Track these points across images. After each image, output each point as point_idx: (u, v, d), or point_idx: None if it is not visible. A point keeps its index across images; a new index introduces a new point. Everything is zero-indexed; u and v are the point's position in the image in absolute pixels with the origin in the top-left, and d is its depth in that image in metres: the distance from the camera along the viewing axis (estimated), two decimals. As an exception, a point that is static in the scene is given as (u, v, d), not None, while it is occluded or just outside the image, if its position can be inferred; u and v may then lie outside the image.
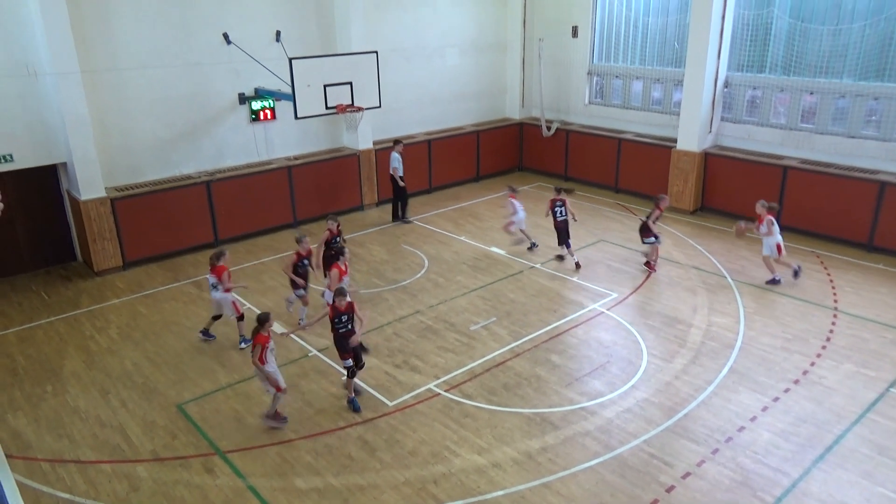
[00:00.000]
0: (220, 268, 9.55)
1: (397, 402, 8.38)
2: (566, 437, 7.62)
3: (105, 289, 11.91)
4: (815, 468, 7.04)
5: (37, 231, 12.60)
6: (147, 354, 9.68)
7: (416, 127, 17.18)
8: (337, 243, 10.61)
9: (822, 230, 13.41)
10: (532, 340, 9.77)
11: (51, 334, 10.33)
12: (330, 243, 10.60)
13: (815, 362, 9.05)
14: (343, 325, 8.15)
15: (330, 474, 7.13)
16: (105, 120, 12.43)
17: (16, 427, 8.07)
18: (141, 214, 12.66)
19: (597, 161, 17.22)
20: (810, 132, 13.81)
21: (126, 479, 7.15)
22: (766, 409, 8.06)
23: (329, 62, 12.77)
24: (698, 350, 9.42)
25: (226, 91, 13.79)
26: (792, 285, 11.34)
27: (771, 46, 14.15)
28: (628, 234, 14.01)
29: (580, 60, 17.77)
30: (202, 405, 8.43)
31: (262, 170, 14.21)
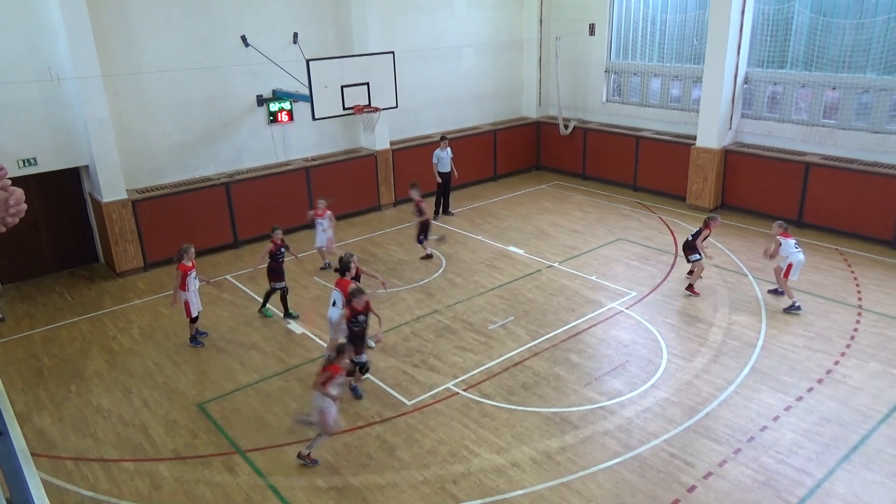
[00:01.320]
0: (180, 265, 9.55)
1: (416, 401, 8.39)
2: (585, 437, 7.57)
3: (127, 290, 12.06)
4: (839, 468, 6.93)
5: (60, 233, 12.80)
6: (168, 354, 9.79)
7: (433, 127, 17.19)
8: (282, 255, 10.38)
9: (846, 227, 13.20)
10: (550, 340, 9.73)
11: (74, 335, 10.49)
12: (274, 255, 10.33)
13: (838, 361, 8.91)
14: (359, 324, 8.18)
15: (349, 473, 7.15)
16: (126, 123, 12.60)
17: (41, 426, 8.20)
18: (161, 216, 12.81)
19: (615, 159, 17.11)
20: (833, 128, 13.60)
21: (148, 477, 7.23)
22: (789, 408, 7.95)
23: (346, 63, 12.82)
24: (719, 349, 9.32)
25: (244, 93, 13.91)
26: (813, 283, 11.17)
27: (792, 41, 13.96)
28: (647, 232, 13.90)
29: (597, 58, 17.67)
30: (222, 405, 8.51)
31: (281, 171, 14.31)
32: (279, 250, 10.42)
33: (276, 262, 10.43)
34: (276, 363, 9.43)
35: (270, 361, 9.48)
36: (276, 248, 10.39)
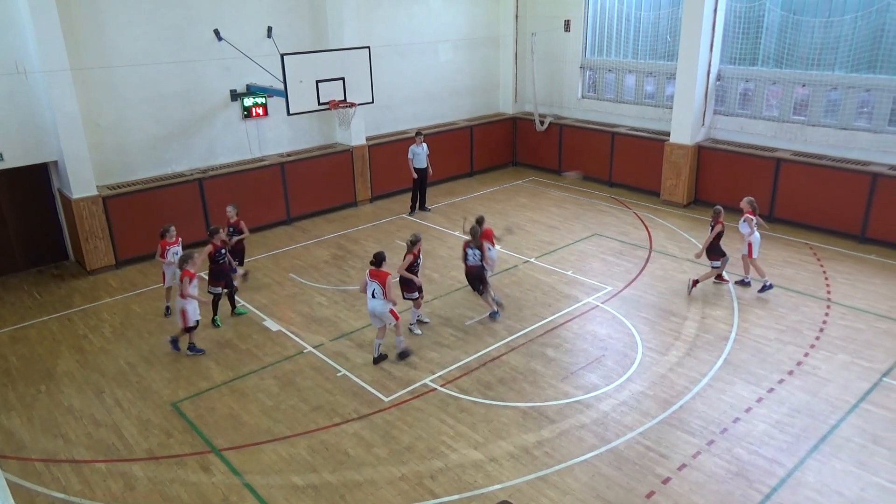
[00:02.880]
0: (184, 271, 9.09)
1: (393, 397, 8.37)
2: (562, 431, 7.63)
3: (98, 288, 11.85)
4: (809, 458, 7.08)
5: (28, 230, 12.52)
6: (141, 353, 9.64)
7: (410, 122, 17.14)
8: (223, 257, 10.11)
9: (815, 222, 13.46)
10: (527, 335, 9.78)
11: (44, 334, 10.28)
12: (214, 257, 10.03)
13: (808, 353, 9.09)
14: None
15: (326, 471, 7.12)
16: (96, 118, 12.35)
17: (9, 427, 8.03)
18: (133, 213, 12.59)
19: (590, 155, 17.22)
20: (803, 124, 13.84)
21: (121, 478, 7.12)
22: (761, 400, 8.09)
23: (321, 58, 12.72)
24: (693, 342, 9.44)
25: (218, 88, 13.72)
26: (784, 277, 11.37)
27: (763, 39, 14.17)
28: (622, 227, 14.03)
29: (573, 54, 17.76)
30: (197, 403, 8.40)
31: (255, 167, 14.15)
32: (219, 252, 10.03)
33: (216, 264, 10.05)
34: (252, 360, 9.34)
35: (246, 359, 9.38)
36: (215, 250, 9.99)
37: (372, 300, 8.90)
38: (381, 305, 8.86)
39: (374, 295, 8.86)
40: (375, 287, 8.83)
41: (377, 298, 8.85)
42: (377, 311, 8.92)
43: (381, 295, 8.80)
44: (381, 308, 8.86)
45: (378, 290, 8.82)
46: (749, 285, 11.02)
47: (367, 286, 8.88)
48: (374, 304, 8.90)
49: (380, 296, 8.81)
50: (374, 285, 8.83)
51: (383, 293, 8.78)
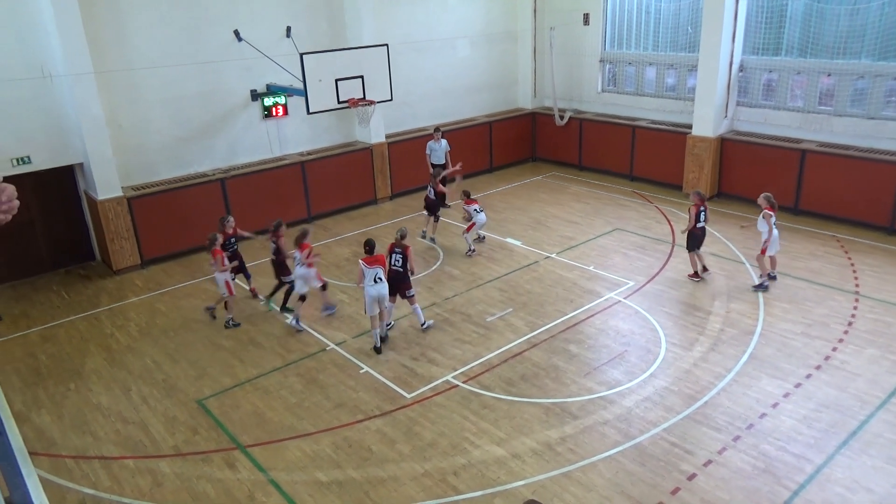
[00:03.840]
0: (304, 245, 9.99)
1: (415, 394, 8.39)
2: (585, 427, 7.59)
3: (124, 287, 12.03)
4: (838, 454, 6.96)
5: (56, 232, 12.75)
6: (167, 351, 9.77)
7: (429, 119, 17.13)
8: (233, 245, 10.85)
9: (842, 214, 13.21)
10: (549, 331, 9.74)
11: (72, 333, 10.47)
12: (225, 245, 10.59)
13: (836, 347, 8.93)
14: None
15: (350, 467, 7.16)
16: (120, 120, 12.53)
17: (40, 424, 8.19)
18: (157, 213, 12.76)
19: (611, 149, 17.09)
20: (829, 115, 13.59)
21: (149, 474, 7.23)
22: (788, 395, 7.98)
23: (340, 56, 12.76)
24: (717, 337, 9.33)
25: (238, 88, 13.84)
26: (810, 271, 11.19)
27: (787, 28, 13.93)
28: (644, 221, 13.90)
29: (592, 48, 17.61)
30: (222, 401, 8.50)
31: (276, 166, 14.26)
32: (228, 240, 10.72)
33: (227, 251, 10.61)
34: (275, 358, 9.42)
35: (269, 356, 9.47)
36: (226, 238, 10.64)
37: (374, 285, 9.09)
38: (386, 288, 9.22)
39: (377, 280, 9.09)
40: (378, 271, 9.10)
41: (381, 282, 9.12)
42: (382, 293, 9.18)
43: (384, 277, 9.17)
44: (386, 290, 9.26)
45: (381, 274, 9.12)
46: (775, 279, 10.85)
47: (366, 274, 9.10)
48: (379, 287, 9.13)
49: (383, 279, 9.13)
50: (377, 270, 9.10)
51: (385, 273, 9.25)
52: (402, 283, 9.62)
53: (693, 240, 10.95)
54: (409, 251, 9.53)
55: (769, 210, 10.43)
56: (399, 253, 9.55)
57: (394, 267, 9.55)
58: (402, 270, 9.55)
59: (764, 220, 10.43)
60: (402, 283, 9.62)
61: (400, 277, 9.57)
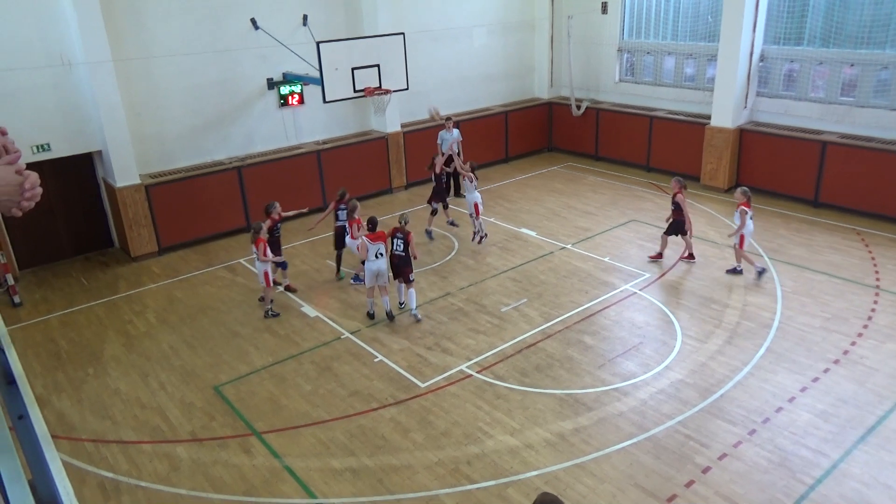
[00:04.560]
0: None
1: (429, 383, 8.42)
2: (599, 419, 7.58)
3: (141, 274, 12.16)
4: (856, 449, 6.90)
5: (75, 218, 12.90)
6: (184, 338, 9.87)
7: (445, 109, 16.99)
8: (278, 230, 10.85)
9: (863, 206, 13.02)
10: (563, 321, 9.72)
11: (91, 319, 10.60)
12: (272, 230, 10.64)
13: (855, 342, 8.83)
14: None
15: (364, 455, 7.21)
16: (137, 108, 12.61)
17: (60, 408, 8.32)
18: (174, 201, 12.86)
19: (628, 140, 16.95)
20: (851, 106, 13.36)
21: (166, 458, 7.33)
22: (805, 389, 7.91)
23: (356, 45, 12.74)
24: (734, 330, 9.26)
25: (254, 77, 13.87)
26: (830, 264, 11.06)
27: (809, 17, 13.69)
28: (660, 213, 13.77)
29: (610, 37, 17.43)
30: (238, 387, 8.59)
31: (292, 154, 14.30)
32: (276, 226, 10.73)
33: (272, 237, 10.59)
34: (291, 346, 9.49)
35: (284, 344, 9.54)
36: (273, 224, 10.64)
37: (375, 261, 9.65)
38: (385, 263, 9.74)
39: (378, 255, 9.64)
40: (380, 247, 9.65)
41: (381, 258, 9.67)
42: (382, 268, 9.70)
43: (384, 254, 9.72)
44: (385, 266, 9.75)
45: (382, 250, 9.67)
46: (741, 273, 10.89)
47: (369, 249, 9.64)
48: (379, 263, 9.67)
49: (384, 255, 9.71)
50: (378, 246, 9.65)
51: (386, 250, 9.76)
52: (406, 268, 9.95)
53: (676, 226, 11.21)
54: (410, 237, 9.82)
55: (745, 206, 10.54)
56: (401, 239, 9.85)
57: (396, 252, 9.88)
58: (404, 255, 9.87)
59: (739, 214, 10.59)
60: (406, 267, 9.94)
61: (403, 262, 9.90)
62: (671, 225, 11.32)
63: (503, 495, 6.53)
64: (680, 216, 11.11)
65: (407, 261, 9.89)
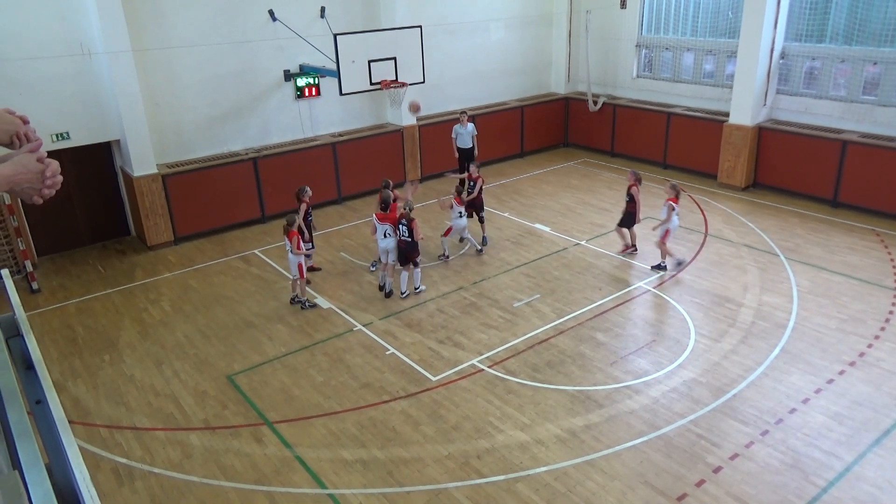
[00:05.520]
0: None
1: (440, 377, 8.44)
2: (611, 416, 7.56)
3: (157, 263, 12.27)
4: (870, 452, 6.83)
5: (93, 207, 13.03)
6: (198, 327, 9.96)
7: (461, 102, 17.03)
8: (311, 215, 11.14)
9: (883, 207, 12.84)
10: (576, 318, 9.69)
11: (107, 306, 10.72)
12: (306, 215, 10.96)
13: (872, 344, 8.73)
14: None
15: (374, 447, 7.24)
16: (156, 98, 12.71)
17: (76, 394, 8.43)
18: (191, 191, 12.95)
19: (645, 136, 16.82)
20: (872, 104, 13.17)
21: (179, 446, 7.41)
22: (820, 391, 7.83)
23: (373, 38, 12.73)
24: (748, 330, 9.19)
25: (271, 68, 13.91)
26: (847, 265, 10.93)
27: (832, 14, 13.49)
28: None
29: (628, 32, 17.29)
30: (251, 377, 8.65)
31: (308, 146, 14.34)
32: (309, 210, 10.98)
33: (305, 222, 10.83)
34: (303, 337, 9.54)
35: (297, 335, 9.60)
36: (307, 208, 10.89)
37: (384, 239, 10.24)
38: (393, 242, 10.23)
39: (386, 235, 10.22)
40: (388, 227, 10.22)
41: (389, 237, 10.22)
42: (391, 247, 10.26)
43: (392, 234, 10.22)
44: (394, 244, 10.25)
45: (390, 230, 10.22)
46: (665, 269, 10.97)
47: (378, 228, 10.26)
48: (388, 242, 10.25)
49: (391, 235, 10.21)
50: (386, 226, 10.21)
51: (394, 231, 10.23)
52: (413, 252, 10.34)
53: (628, 218, 11.45)
54: (414, 224, 10.16)
55: (673, 201, 10.64)
56: (405, 225, 10.18)
57: (403, 238, 10.25)
58: (411, 241, 10.23)
59: (667, 209, 10.70)
60: (413, 252, 10.33)
61: (410, 247, 10.26)
62: (624, 217, 11.55)
63: (512, 490, 6.54)
64: (633, 208, 11.32)
65: (414, 245, 10.27)
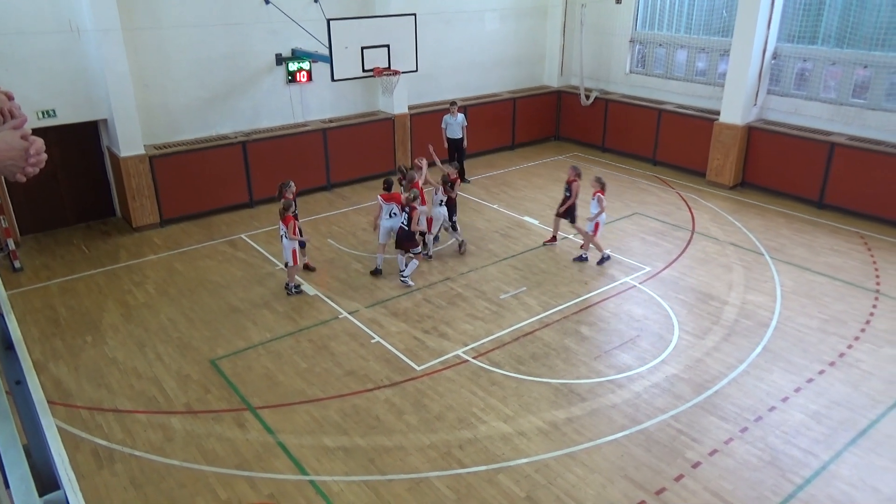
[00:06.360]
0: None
1: (425, 366, 8.45)
2: (593, 409, 7.61)
3: (143, 244, 12.17)
4: (846, 451, 6.93)
5: (78, 186, 12.88)
6: (182, 310, 9.90)
7: (453, 92, 16.95)
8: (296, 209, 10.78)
9: (868, 210, 12.97)
10: (562, 311, 9.73)
11: (91, 287, 10.63)
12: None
13: (852, 345, 8.84)
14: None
15: (357, 434, 7.25)
16: (145, 78, 12.54)
17: (57, 375, 8.37)
18: (178, 173, 12.83)
19: (635, 132, 16.86)
20: (862, 108, 13.27)
21: (161, 429, 7.38)
22: (799, 390, 7.93)
23: (367, 24, 12.63)
24: (732, 328, 9.27)
25: (263, 52, 13.77)
26: (830, 266, 11.05)
27: (825, 17, 13.55)
28: (664, 207, 13.77)
29: (622, 27, 17.29)
30: (235, 362, 8.62)
31: (298, 132, 14.24)
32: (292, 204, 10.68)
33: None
34: (288, 323, 9.51)
35: (282, 321, 9.57)
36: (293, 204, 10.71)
37: (389, 219, 10.38)
38: (399, 222, 10.26)
39: (391, 214, 10.34)
40: (393, 207, 10.34)
41: (396, 217, 10.31)
42: (395, 226, 10.34)
43: (398, 213, 10.27)
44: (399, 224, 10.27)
45: (395, 210, 10.30)
46: (586, 260, 11.19)
47: (383, 208, 10.38)
48: (393, 221, 10.36)
49: (397, 214, 10.27)
50: (391, 206, 10.33)
51: (400, 210, 10.27)
52: (408, 241, 10.34)
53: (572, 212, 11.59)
54: (414, 213, 10.12)
55: (601, 193, 10.84)
56: (405, 213, 10.24)
57: (402, 225, 10.33)
58: (407, 229, 10.27)
59: (597, 202, 10.85)
60: (408, 241, 10.34)
61: (406, 235, 10.30)
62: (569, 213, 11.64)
63: (493, 480, 6.58)
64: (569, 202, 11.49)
65: (410, 235, 10.29)
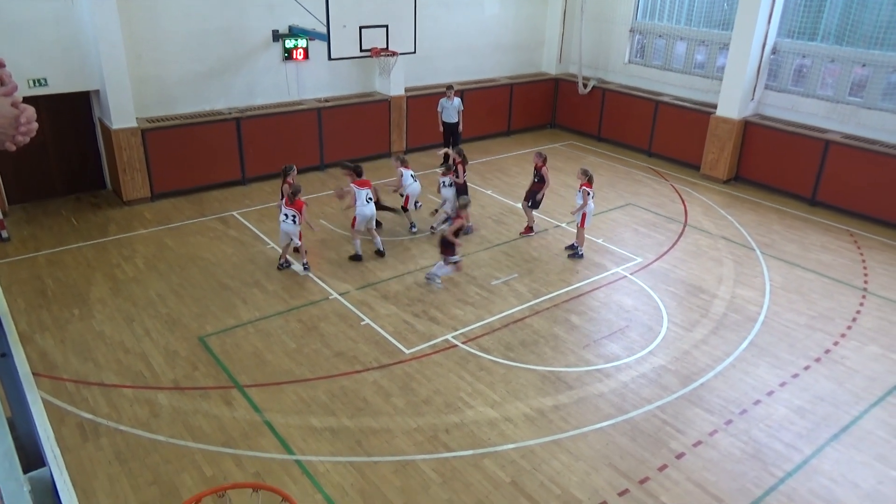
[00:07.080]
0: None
1: (414, 350, 8.45)
2: (580, 398, 7.65)
3: (133, 218, 12.06)
4: (828, 447, 7.01)
5: (68, 157, 12.72)
6: (171, 286, 9.84)
7: (451, 76, 16.83)
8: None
9: (859, 208, 13.04)
10: (552, 299, 9.75)
11: (79, 259, 10.53)
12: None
13: (838, 342, 8.92)
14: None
15: (344, 416, 7.26)
16: (139, 49, 12.36)
17: (43, 347, 8.31)
18: (170, 147, 12.69)
19: (632, 123, 16.82)
20: (858, 106, 13.29)
21: (147, 404, 7.35)
22: (785, 384, 8.00)
23: (366, 3, 12.46)
24: (720, 321, 9.33)
25: (260, 28, 13.60)
26: (820, 263, 11.11)
27: (826, 13, 13.52)
28: (657, 199, 13.78)
29: (623, 17, 17.18)
30: (223, 339, 8.59)
31: (293, 110, 14.11)
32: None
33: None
34: (278, 302, 9.48)
35: (272, 300, 9.53)
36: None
37: (367, 205, 10.34)
38: (374, 208, 10.47)
39: (368, 199, 10.35)
40: (368, 192, 10.37)
41: (371, 202, 10.39)
42: (373, 211, 10.47)
43: (373, 198, 10.43)
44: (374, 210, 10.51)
45: (371, 195, 10.41)
46: (582, 257, 11.07)
47: (358, 195, 10.30)
48: (371, 207, 10.40)
49: (372, 199, 10.41)
50: (367, 191, 10.36)
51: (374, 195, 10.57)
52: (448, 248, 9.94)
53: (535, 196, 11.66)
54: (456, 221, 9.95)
55: (587, 186, 10.74)
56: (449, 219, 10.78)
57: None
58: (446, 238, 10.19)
59: (581, 195, 10.77)
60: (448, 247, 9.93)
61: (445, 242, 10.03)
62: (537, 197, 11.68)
63: (479, 465, 6.61)
64: (539, 188, 11.52)
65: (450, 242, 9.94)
